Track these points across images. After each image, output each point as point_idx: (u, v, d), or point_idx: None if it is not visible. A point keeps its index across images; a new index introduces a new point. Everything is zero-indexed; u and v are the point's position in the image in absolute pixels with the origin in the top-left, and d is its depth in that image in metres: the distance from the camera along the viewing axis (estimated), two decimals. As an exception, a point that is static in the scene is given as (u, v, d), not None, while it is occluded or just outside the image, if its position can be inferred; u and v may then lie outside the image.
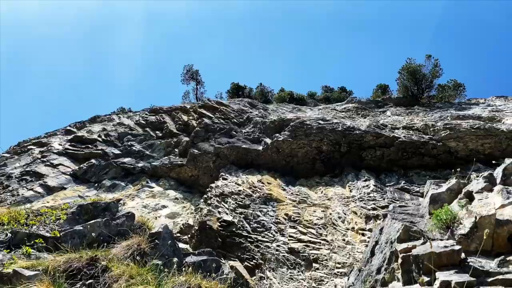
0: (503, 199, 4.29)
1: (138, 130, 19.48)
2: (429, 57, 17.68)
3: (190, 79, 27.14)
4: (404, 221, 4.90)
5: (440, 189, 5.25)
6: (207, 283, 5.13)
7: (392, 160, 15.43)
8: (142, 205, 16.89)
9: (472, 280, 3.33)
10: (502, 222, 4.00)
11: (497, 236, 3.93)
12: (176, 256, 6.15)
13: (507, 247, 3.95)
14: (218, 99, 22.36)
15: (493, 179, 4.92)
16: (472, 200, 4.66)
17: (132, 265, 5.22)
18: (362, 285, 4.73)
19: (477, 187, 4.77)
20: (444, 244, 3.81)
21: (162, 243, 5.98)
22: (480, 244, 3.96)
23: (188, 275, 5.17)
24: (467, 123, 14.87)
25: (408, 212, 5.27)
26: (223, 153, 16.80)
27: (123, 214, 6.56)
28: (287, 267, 12.48)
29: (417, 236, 4.35)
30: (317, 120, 16.92)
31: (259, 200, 15.04)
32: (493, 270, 3.57)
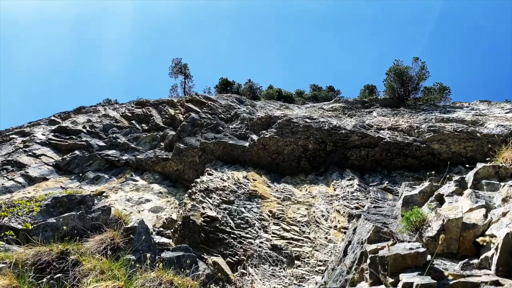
0: (472, 203, 4.34)
1: (123, 122, 19.24)
2: (416, 60, 17.84)
3: (178, 72, 26.88)
4: (377, 222, 4.93)
5: (413, 191, 5.29)
6: (179, 279, 5.09)
7: (377, 160, 15.56)
8: (126, 198, 16.75)
9: (433, 282, 3.37)
10: (468, 225, 4.04)
11: (463, 239, 3.98)
12: (151, 252, 6.10)
13: (472, 250, 4.00)
14: (206, 94, 22.23)
15: (464, 183, 4.98)
16: (442, 203, 4.71)
17: (104, 260, 5.15)
18: (333, 284, 4.76)
19: (448, 190, 4.82)
20: (410, 246, 3.85)
21: (137, 238, 5.92)
22: (447, 246, 4.00)
23: (160, 270, 5.12)
24: (451, 126, 15.05)
25: (382, 213, 5.31)
26: (209, 148, 16.72)
27: (99, 208, 6.47)
28: (269, 264, 12.52)
29: (387, 237, 4.38)
30: (304, 118, 16.94)
31: (243, 196, 15.05)
32: (457, 272, 3.61)
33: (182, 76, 26.99)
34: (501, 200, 4.40)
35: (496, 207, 4.38)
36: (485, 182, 4.88)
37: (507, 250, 3.60)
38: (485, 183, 4.87)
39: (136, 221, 6.22)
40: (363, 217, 5.11)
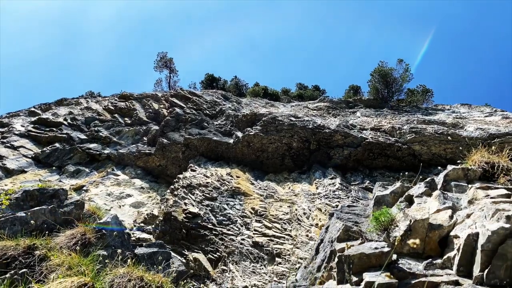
0: (440, 204, 4.41)
1: (106, 115, 18.95)
2: (401, 62, 18.04)
3: (163, 67, 26.55)
4: (349, 221, 4.97)
5: (385, 191, 5.36)
6: (149, 276, 5.04)
7: (359, 160, 15.71)
8: (106, 192, 16.54)
9: (395, 282, 3.41)
10: (434, 226, 4.10)
11: (429, 239, 4.04)
12: (124, 247, 6.02)
13: (438, 250, 4.06)
14: (191, 89, 22.05)
15: (434, 185, 5.05)
16: (412, 203, 4.77)
17: (74, 255, 5.06)
18: (303, 282, 4.79)
19: (418, 191, 4.89)
20: (375, 246, 3.89)
21: (109, 233, 5.84)
22: (413, 246, 4.06)
23: (131, 267, 5.06)
24: (432, 128, 15.28)
25: (355, 212, 5.36)
26: (193, 144, 16.62)
27: (72, 202, 6.36)
28: (250, 261, 12.55)
29: (356, 237, 4.42)
30: (289, 116, 16.98)
31: (226, 193, 15.03)
32: (420, 272, 3.66)
33: (167, 71, 26.76)
34: (467, 202, 4.48)
35: (462, 208, 4.46)
36: (454, 184, 4.96)
37: (468, 251, 3.67)
38: (454, 185, 4.96)
39: (109, 216, 6.13)
40: (335, 216, 5.15)
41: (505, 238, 3.43)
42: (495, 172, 4.98)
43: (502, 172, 4.93)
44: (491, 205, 4.07)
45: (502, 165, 4.98)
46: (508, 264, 3.38)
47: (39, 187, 6.39)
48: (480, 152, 5.30)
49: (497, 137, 14.88)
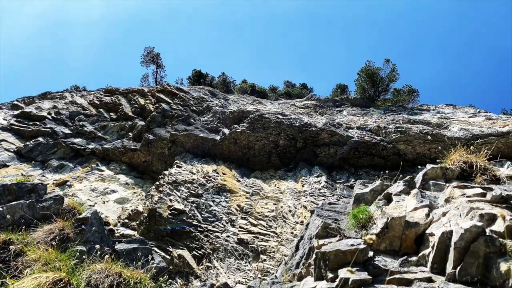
0: (417, 202, 4.47)
1: (91, 110, 18.67)
2: (388, 61, 18.21)
3: (150, 62, 26.24)
4: (329, 218, 5.01)
5: (365, 189, 5.41)
6: (128, 272, 4.99)
7: (344, 158, 15.83)
8: (90, 188, 16.33)
9: (369, 278, 3.45)
10: (411, 224, 4.16)
11: (405, 237, 4.09)
12: (104, 243, 5.95)
13: (414, 248, 4.12)
14: (178, 85, 21.85)
15: (413, 183, 5.12)
16: (390, 201, 4.83)
17: (51, 251, 4.98)
18: (282, 278, 4.81)
19: (397, 189, 4.95)
20: (352, 243, 3.93)
21: (89, 228, 5.76)
22: (390, 244, 4.11)
23: (109, 262, 5.00)
24: (417, 128, 15.47)
25: (336, 210, 5.40)
26: (179, 140, 16.51)
27: (51, 197, 6.25)
28: (235, 258, 12.56)
29: (334, 234, 4.45)
30: (276, 114, 17.00)
31: (212, 190, 15.00)
32: (395, 269, 3.71)
33: (154, 66, 26.43)
34: (444, 201, 4.55)
35: (439, 207, 4.53)
36: (432, 182, 5.03)
37: (442, 248, 3.73)
38: (432, 183, 5.03)
39: (89, 211, 6.04)
40: (316, 213, 5.18)
41: (477, 236, 3.49)
42: (473, 172, 5.07)
43: (479, 171, 5.02)
44: (467, 203, 4.14)
45: (480, 165, 5.07)
46: (479, 261, 3.45)
47: (17, 181, 6.26)
48: (459, 152, 5.38)
49: (480, 137, 15.17)
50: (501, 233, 3.52)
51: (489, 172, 5.00)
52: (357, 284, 3.33)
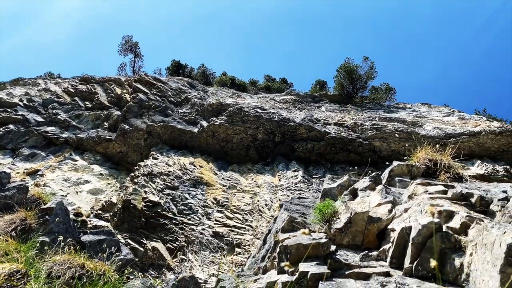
0: (381, 198, 4.54)
1: (65, 98, 18.15)
2: (366, 59, 18.42)
3: (128, 50, 25.66)
4: (297, 212, 5.04)
5: (332, 184, 5.47)
6: (91, 263, 4.90)
7: (321, 154, 15.96)
8: (63, 178, 15.95)
9: (327, 272, 3.49)
10: (374, 219, 4.22)
11: (368, 232, 4.16)
12: (69, 234, 5.81)
13: (376, 242, 4.19)
14: (156, 75, 21.49)
15: (379, 179, 5.21)
16: (356, 197, 4.89)
17: (11, 241, 4.82)
18: (247, 271, 4.82)
19: (363, 185, 5.02)
20: (313, 237, 3.96)
21: (53, 219, 5.61)
22: (352, 238, 4.17)
23: (72, 254, 4.89)
24: (393, 125, 15.73)
25: (304, 204, 5.44)
26: (156, 132, 16.28)
27: (14, 186, 6.04)
28: (210, 251, 12.55)
29: (299, 227, 4.49)
30: (255, 108, 16.96)
31: (189, 182, 14.90)
32: (355, 263, 3.77)
33: (132, 55, 25.81)
34: (407, 197, 4.64)
35: (402, 203, 4.62)
36: (398, 179, 5.12)
37: (401, 244, 3.81)
38: (398, 180, 5.12)
39: (53, 201, 5.88)
40: (284, 207, 5.20)
41: (434, 231, 3.58)
42: (437, 169, 5.19)
43: (443, 169, 5.14)
44: (428, 200, 4.23)
45: (444, 163, 5.19)
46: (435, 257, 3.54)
47: (-22, 169, 6.02)
48: (425, 150, 5.49)
49: (453, 136, 15.56)
50: (457, 230, 3.62)
51: (453, 170, 5.12)
52: (316, 278, 3.36)
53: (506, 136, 15.17)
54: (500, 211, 4.36)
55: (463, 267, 3.34)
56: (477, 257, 3.22)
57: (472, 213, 3.85)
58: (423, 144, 5.74)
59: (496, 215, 4.37)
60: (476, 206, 4.48)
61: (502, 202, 4.43)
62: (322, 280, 3.33)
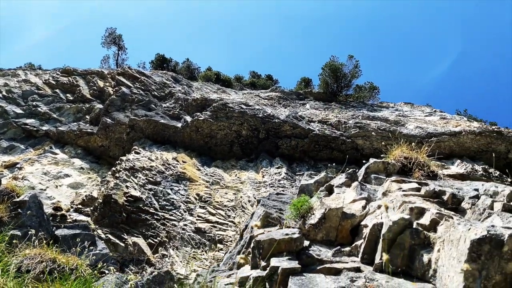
0: (356, 195, 4.59)
1: (46, 90, 17.75)
2: (351, 58, 18.58)
3: (111, 43, 25.21)
4: (274, 208, 5.05)
5: (310, 180, 5.51)
6: (63, 258, 4.81)
7: (305, 151, 16.04)
8: (43, 171, 15.63)
9: (298, 267, 3.51)
10: (348, 215, 4.26)
11: (341, 228, 4.19)
12: (42, 228, 5.70)
13: (349, 238, 4.24)
14: (140, 68, 21.19)
15: (356, 176, 5.26)
16: (332, 193, 4.93)
17: (-21, 235, 4.69)
18: (223, 266, 4.82)
19: (339, 181, 5.07)
20: (286, 232, 3.98)
21: (25, 213, 5.48)
22: (326, 234, 4.20)
23: (44, 248, 4.80)
24: (375, 124, 15.90)
25: (282, 200, 5.45)
26: (139, 126, 16.08)
27: (-15, 178, 5.88)
28: (192, 247, 12.49)
29: (275, 223, 4.50)
30: (240, 104, 16.92)
31: (171, 178, 14.79)
32: (327, 259, 3.79)
33: (115, 47, 25.40)
34: (381, 194, 4.70)
35: (377, 199, 4.67)
36: (374, 176, 5.18)
37: (373, 240, 3.85)
38: (374, 177, 5.18)
39: (27, 195, 5.75)
40: (261, 203, 5.21)
41: (404, 228, 3.63)
42: (412, 167, 5.27)
43: (418, 167, 5.22)
44: (401, 197, 4.29)
45: (419, 161, 5.27)
46: (405, 253, 3.59)
47: None
48: (401, 148, 5.57)
49: (434, 136, 15.83)
50: (426, 226, 3.68)
51: (427, 168, 5.21)
52: (286, 273, 3.38)
53: (485, 137, 15.50)
54: (470, 208, 4.46)
55: (431, 263, 3.40)
56: (444, 253, 3.28)
57: (442, 210, 3.92)
58: (400, 143, 5.81)
59: (467, 213, 4.46)
60: (448, 203, 4.56)
61: (473, 200, 4.53)
62: (292, 275, 3.34)
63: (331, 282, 3.22)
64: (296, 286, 3.09)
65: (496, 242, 2.79)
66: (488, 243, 2.80)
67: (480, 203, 4.36)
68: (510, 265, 2.79)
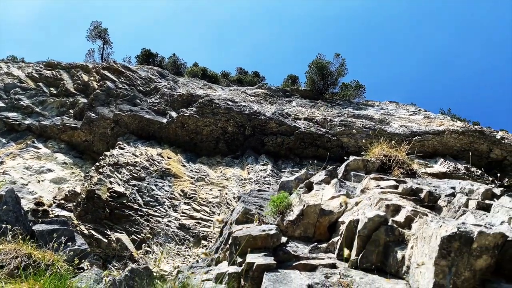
0: (335, 192, 4.62)
1: (29, 83, 17.37)
2: (338, 56, 18.67)
3: (97, 37, 24.78)
4: (254, 204, 5.05)
5: (290, 177, 5.52)
6: (39, 253, 4.72)
7: (291, 148, 16.08)
8: (24, 166, 15.33)
9: (273, 263, 3.52)
10: (326, 212, 4.29)
11: (319, 224, 4.22)
12: (19, 223, 5.57)
13: (327, 235, 4.26)
14: (125, 63, 20.91)
15: (335, 173, 5.30)
16: (311, 190, 4.96)
17: (-49, 230, 4.56)
18: (201, 262, 4.80)
19: (318, 179, 5.10)
20: (263, 229, 3.98)
21: (1, 207, 5.35)
22: (304, 230, 4.22)
23: (20, 243, 4.70)
24: (360, 122, 16.03)
25: (263, 197, 5.46)
26: (123, 121, 15.88)
27: (-41, 173, 5.71)
28: (176, 243, 12.43)
29: (253, 219, 4.50)
30: (226, 100, 16.85)
31: (156, 173, 14.67)
32: (304, 255, 3.81)
33: (100, 41, 24.96)
34: (360, 191, 4.74)
35: (355, 196, 4.71)
36: (353, 173, 5.22)
37: (349, 236, 3.88)
38: (353, 174, 5.22)
39: (3, 189, 5.62)
40: (241, 199, 5.20)
41: (379, 225, 3.67)
42: (391, 165, 5.33)
43: (397, 165, 5.28)
44: (378, 194, 4.34)
45: (398, 159, 5.33)
46: (379, 249, 3.63)
47: None
48: (381, 146, 5.62)
49: (418, 135, 16.05)
50: (401, 223, 3.72)
51: (406, 166, 5.27)
52: (261, 269, 3.38)
53: (468, 136, 15.79)
54: (446, 206, 4.53)
55: (405, 260, 3.44)
56: (417, 250, 3.33)
57: (418, 208, 3.97)
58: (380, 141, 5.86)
59: (443, 210, 4.54)
60: (425, 201, 4.63)
61: (449, 197, 4.60)
62: (267, 271, 3.35)
63: (305, 278, 3.24)
64: (270, 282, 3.09)
65: (465, 239, 2.83)
66: (458, 240, 2.84)
67: (455, 201, 4.44)
68: (479, 262, 2.85)
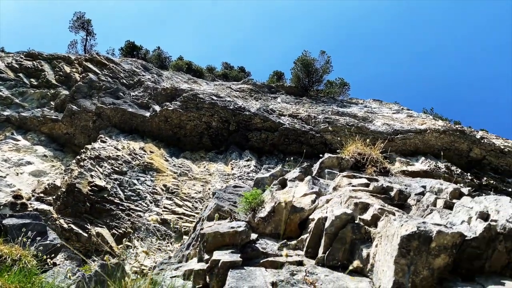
0: (308, 189, 4.65)
1: (8, 74, 16.95)
2: (323, 53, 18.72)
3: (80, 28, 24.27)
4: (229, 201, 5.05)
5: (266, 174, 5.54)
6: (6, 248, 4.64)
7: (275, 144, 16.11)
8: (2, 158, 15.02)
9: (239, 260, 3.53)
10: (297, 209, 4.31)
11: (290, 221, 4.24)
12: (-13, 218, 5.47)
13: (297, 232, 4.29)
14: (109, 55, 20.59)
15: (310, 171, 5.33)
16: (285, 187, 4.97)
17: None
18: (173, 259, 4.78)
19: (292, 175, 5.12)
20: (231, 225, 3.99)
21: (-32, 201, 5.23)
22: (275, 227, 4.23)
23: (-15, 239, 4.61)
24: (344, 120, 16.15)
25: (238, 193, 5.45)
26: (106, 114, 15.66)
27: None
28: (157, 238, 12.37)
29: (226, 216, 4.50)
30: (211, 95, 16.76)
31: (138, 168, 14.55)
32: (272, 252, 3.83)
33: (84, 32, 24.46)
34: (332, 188, 4.77)
35: (327, 194, 4.75)
36: (327, 171, 5.26)
37: (317, 234, 3.91)
38: (327, 172, 5.25)
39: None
40: (215, 195, 5.19)
41: (346, 222, 3.71)
42: (365, 163, 5.38)
43: (371, 163, 5.33)
44: (349, 192, 4.38)
45: (372, 157, 5.38)
46: (346, 247, 3.67)
47: None
48: (356, 144, 5.67)
49: (400, 133, 16.26)
50: (368, 221, 3.77)
51: (380, 164, 5.32)
52: (227, 266, 3.38)
53: (449, 135, 16.07)
54: (415, 205, 4.60)
55: (369, 258, 3.49)
56: (381, 248, 3.37)
57: (386, 206, 4.02)
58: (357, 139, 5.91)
59: (412, 209, 4.61)
60: (395, 199, 4.69)
61: (419, 196, 4.68)
62: (232, 268, 3.35)
63: (270, 276, 3.25)
64: (233, 279, 3.10)
65: (424, 238, 2.88)
66: (416, 239, 2.89)
67: (424, 199, 4.51)
68: (437, 261, 2.90)
